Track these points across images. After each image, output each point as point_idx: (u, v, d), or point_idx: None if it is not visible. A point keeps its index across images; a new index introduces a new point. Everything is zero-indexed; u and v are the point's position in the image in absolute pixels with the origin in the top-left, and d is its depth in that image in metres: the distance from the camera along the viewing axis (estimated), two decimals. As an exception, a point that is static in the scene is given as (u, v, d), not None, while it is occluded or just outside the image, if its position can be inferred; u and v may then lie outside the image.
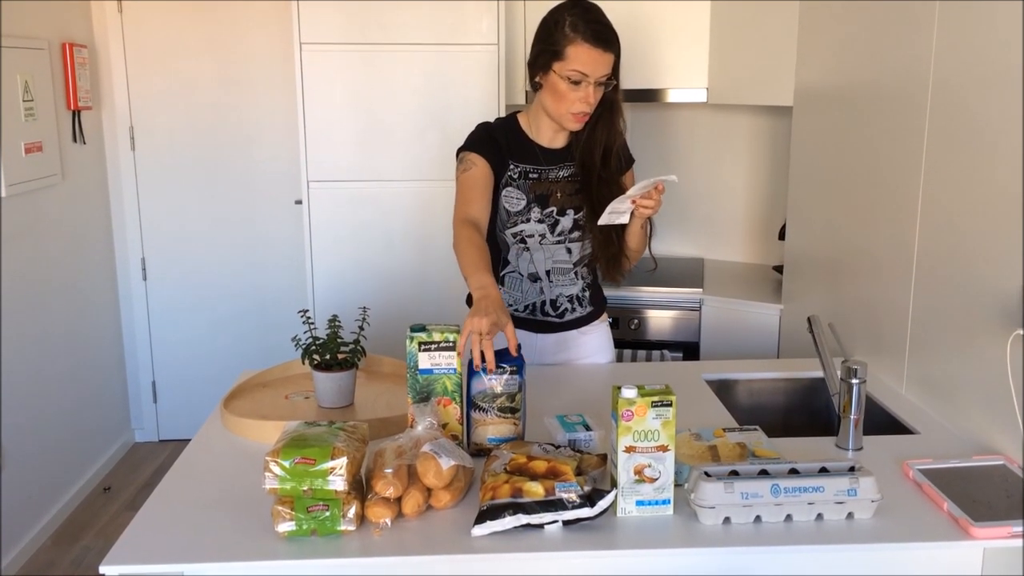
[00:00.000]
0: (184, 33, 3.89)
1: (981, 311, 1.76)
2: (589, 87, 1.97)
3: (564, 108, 2.01)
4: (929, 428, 1.89)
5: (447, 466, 1.48)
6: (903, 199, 2.08)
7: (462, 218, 2.03)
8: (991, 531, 1.42)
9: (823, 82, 2.66)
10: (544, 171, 2.14)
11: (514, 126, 2.16)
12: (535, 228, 2.15)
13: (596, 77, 1.97)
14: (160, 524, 1.48)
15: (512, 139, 2.14)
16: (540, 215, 2.14)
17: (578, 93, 1.98)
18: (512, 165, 2.13)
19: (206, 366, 4.14)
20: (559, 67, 1.97)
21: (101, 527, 3.45)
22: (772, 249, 3.67)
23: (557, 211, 2.14)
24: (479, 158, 2.08)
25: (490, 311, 1.70)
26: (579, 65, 1.95)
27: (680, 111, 3.76)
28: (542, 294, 2.20)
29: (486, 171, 2.08)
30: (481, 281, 1.82)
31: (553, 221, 2.15)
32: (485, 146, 2.10)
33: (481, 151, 2.09)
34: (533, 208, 2.13)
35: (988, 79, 1.75)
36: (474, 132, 2.17)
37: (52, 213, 3.47)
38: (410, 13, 3.26)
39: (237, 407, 1.96)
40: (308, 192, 3.35)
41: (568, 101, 2.00)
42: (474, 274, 1.86)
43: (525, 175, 2.13)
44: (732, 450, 1.66)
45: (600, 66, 1.96)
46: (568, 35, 1.95)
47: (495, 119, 2.24)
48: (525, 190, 2.13)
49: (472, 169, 2.08)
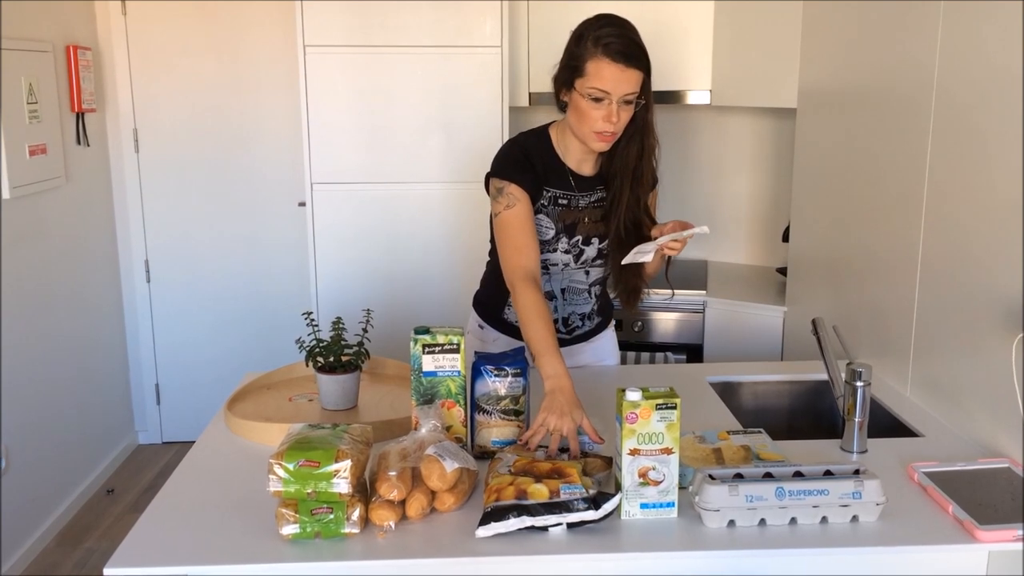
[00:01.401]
0: (188, 35, 3.89)
1: (986, 314, 1.75)
2: (612, 105, 1.86)
3: (587, 127, 1.91)
4: (934, 431, 1.89)
5: (451, 469, 1.48)
6: (907, 201, 2.08)
7: (522, 274, 1.91)
8: (996, 534, 1.42)
9: (827, 84, 2.66)
10: (574, 197, 2.04)
11: (547, 145, 2.05)
12: (560, 258, 2.08)
13: (619, 95, 1.85)
14: (164, 526, 1.48)
15: (547, 161, 2.03)
16: (567, 245, 2.07)
17: (600, 111, 1.87)
18: (545, 190, 2.02)
19: (209, 368, 4.14)
20: (580, 84, 1.87)
21: (105, 529, 3.45)
22: (776, 251, 3.67)
23: (583, 240, 2.07)
24: (521, 192, 1.96)
25: (566, 409, 1.65)
26: (599, 82, 1.84)
27: (684, 113, 3.76)
28: (555, 312, 2.14)
29: (528, 207, 1.97)
30: (556, 368, 1.74)
31: (579, 251, 2.09)
32: (524, 175, 1.98)
33: (520, 181, 1.97)
34: (561, 239, 2.06)
35: (992, 81, 1.74)
36: (508, 154, 2.03)
37: (56, 215, 3.47)
38: (413, 15, 3.26)
39: (241, 409, 1.97)
40: (312, 194, 3.36)
41: (591, 120, 1.89)
42: (546, 355, 1.76)
43: (555, 201, 2.03)
44: (736, 453, 1.66)
45: (623, 84, 1.84)
46: (589, 50, 1.85)
47: (525, 134, 2.09)
48: (554, 218, 2.04)
49: (516, 206, 1.96)
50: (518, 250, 1.95)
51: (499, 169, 2.01)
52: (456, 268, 3.40)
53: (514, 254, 1.95)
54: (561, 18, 3.28)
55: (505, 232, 1.97)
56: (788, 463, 1.57)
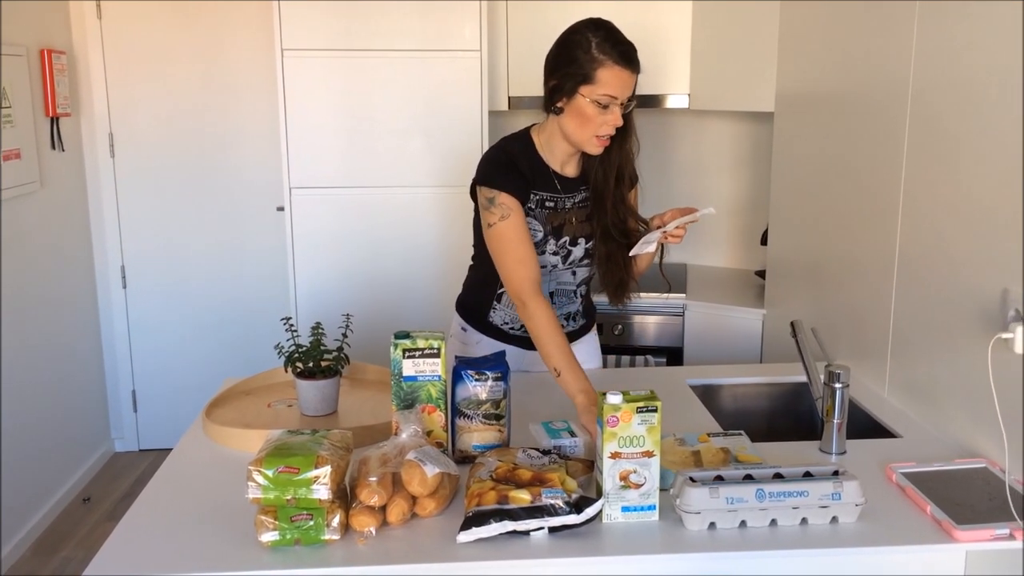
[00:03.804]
0: (164, 38, 3.87)
1: (962, 315, 1.77)
2: (616, 109, 1.90)
3: (589, 132, 1.92)
4: (912, 432, 1.90)
5: (432, 474, 1.47)
6: (884, 204, 2.09)
7: (529, 287, 1.93)
8: (974, 534, 1.43)
9: (804, 88, 2.68)
10: (560, 199, 2.06)
11: (532, 149, 2.05)
12: (549, 260, 2.08)
13: (624, 99, 1.90)
14: (142, 534, 1.47)
15: (533, 165, 2.03)
16: (555, 247, 2.07)
17: (606, 117, 1.89)
18: (532, 194, 2.03)
19: (187, 375, 4.11)
20: (588, 91, 1.88)
21: (81, 538, 3.41)
22: (754, 254, 3.69)
23: (570, 241, 2.08)
24: (513, 201, 1.97)
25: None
26: (610, 89, 1.87)
27: (663, 117, 3.78)
28: None
29: (522, 216, 1.98)
30: (583, 384, 1.82)
31: (567, 252, 2.09)
32: (514, 183, 1.98)
33: (511, 190, 1.97)
34: (549, 240, 2.06)
35: (967, 84, 1.76)
36: (495, 161, 2.03)
37: (30, 221, 3.43)
38: (392, 19, 3.25)
39: (219, 416, 1.95)
40: (290, 199, 3.34)
41: (594, 125, 1.91)
42: (569, 371, 1.84)
43: (542, 204, 2.04)
44: (715, 455, 1.66)
45: (628, 88, 1.89)
46: (597, 58, 1.86)
47: (508, 139, 2.09)
48: (542, 220, 2.04)
49: (511, 216, 1.96)
50: (521, 262, 1.95)
51: (488, 177, 2.01)
52: (436, 272, 3.39)
53: (518, 266, 1.95)
54: (541, 22, 3.29)
55: (503, 245, 1.98)
56: (766, 465, 1.58)
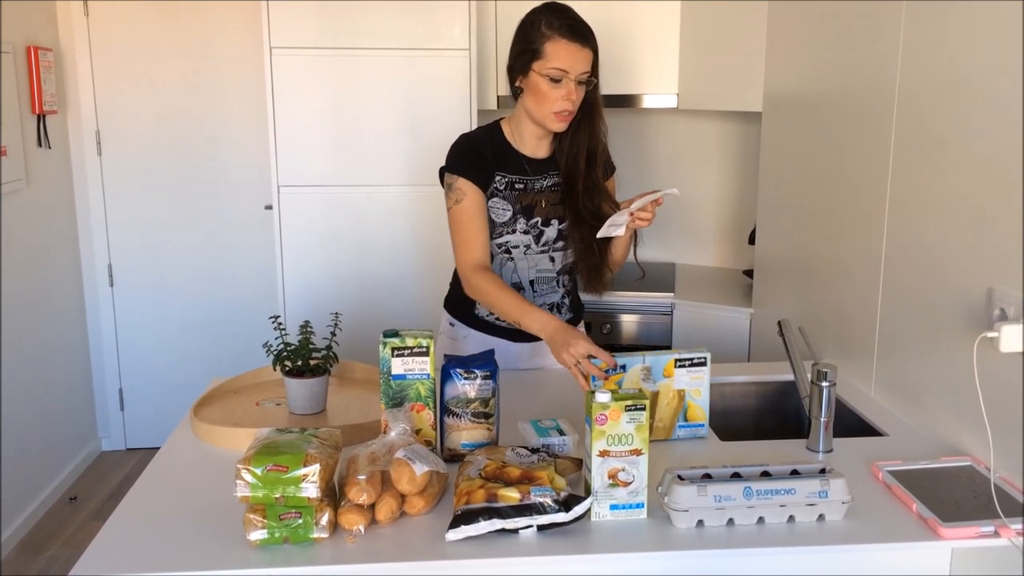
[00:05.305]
0: (151, 36, 3.85)
1: (948, 314, 1.78)
2: (570, 84, 1.96)
3: (547, 108, 1.99)
4: (898, 430, 1.92)
5: (421, 472, 1.47)
6: (871, 203, 2.11)
7: (472, 265, 2.02)
8: (959, 531, 1.44)
9: (792, 88, 2.69)
10: (530, 181, 2.11)
11: (499, 136, 2.12)
12: (520, 239, 2.13)
13: (576, 74, 1.95)
14: (129, 533, 1.46)
15: (498, 149, 2.10)
16: (526, 226, 2.12)
17: (560, 91, 1.96)
18: (498, 176, 2.09)
19: (175, 373, 4.09)
20: (539, 66, 1.96)
21: (67, 537, 3.39)
22: (742, 253, 3.70)
23: (542, 221, 2.13)
24: (468, 184, 2.04)
25: (569, 340, 1.78)
26: (558, 62, 1.94)
27: (651, 116, 3.79)
28: None
29: (477, 198, 2.05)
30: (541, 319, 1.88)
31: (538, 232, 2.14)
32: (471, 165, 2.06)
33: (467, 174, 2.05)
34: (519, 219, 2.11)
35: (953, 84, 1.77)
36: (457, 148, 2.11)
37: (16, 219, 3.41)
38: (381, 18, 3.25)
39: (207, 414, 1.94)
40: (278, 197, 3.33)
41: (550, 100, 1.98)
42: (527, 315, 1.90)
43: (511, 186, 2.10)
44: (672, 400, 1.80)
45: (579, 62, 1.95)
46: (545, 33, 1.95)
47: (476, 128, 2.20)
48: (511, 201, 2.10)
49: (463, 200, 2.04)
50: (466, 243, 2.05)
51: (449, 164, 2.10)
52: (425, 270, 3.39)
53: (463, 247, 2.06)
54: (529, 21, 3.29)
55: (453, 227, 2.08)
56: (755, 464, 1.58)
